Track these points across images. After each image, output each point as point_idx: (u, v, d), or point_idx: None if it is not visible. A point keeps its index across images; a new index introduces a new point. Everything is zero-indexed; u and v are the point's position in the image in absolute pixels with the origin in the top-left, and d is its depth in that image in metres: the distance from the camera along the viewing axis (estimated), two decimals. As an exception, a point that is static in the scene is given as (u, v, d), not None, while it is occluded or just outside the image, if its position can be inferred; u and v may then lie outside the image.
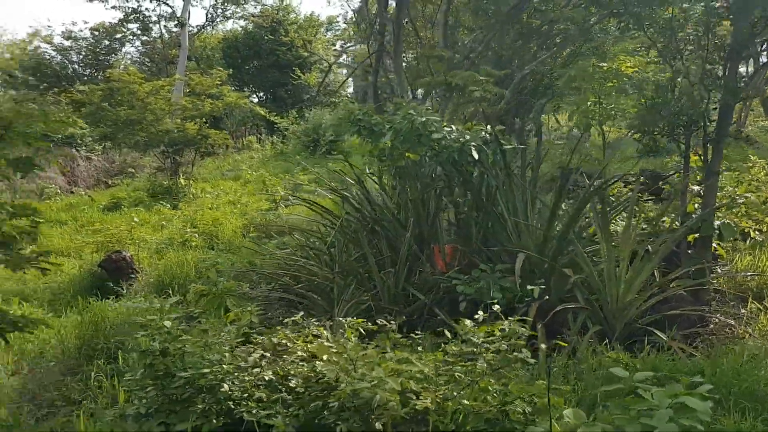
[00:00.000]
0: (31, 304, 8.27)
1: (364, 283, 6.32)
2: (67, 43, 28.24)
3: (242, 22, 31.05)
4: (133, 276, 9.03)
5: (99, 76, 26.17)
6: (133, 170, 20.71)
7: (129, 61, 27.55)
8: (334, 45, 31.94)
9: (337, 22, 32.14)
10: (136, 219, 11.93)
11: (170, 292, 8.22)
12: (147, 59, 28.85)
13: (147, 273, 9.17)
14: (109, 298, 7.83)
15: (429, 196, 6.76)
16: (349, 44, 30.64)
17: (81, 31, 28.65)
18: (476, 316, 3.34)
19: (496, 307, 3.68)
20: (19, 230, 4.22)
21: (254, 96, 29.17)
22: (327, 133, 20.45)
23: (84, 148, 20.15)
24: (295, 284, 7.29)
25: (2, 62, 27.73)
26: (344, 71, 34.48)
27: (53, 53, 28.26)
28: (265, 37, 27.73)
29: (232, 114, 24.00)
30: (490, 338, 3.17)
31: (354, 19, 25.22)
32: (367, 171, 9.87)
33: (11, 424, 4.05)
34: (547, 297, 5.33)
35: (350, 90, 34.72)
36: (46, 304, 8.35)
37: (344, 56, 31.76)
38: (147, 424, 3.50)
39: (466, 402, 2.82)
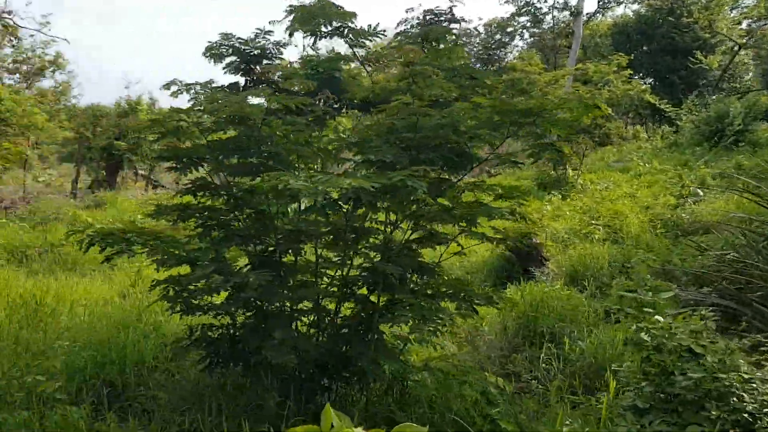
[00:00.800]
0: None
1: None
2: (462, 40, 30.80)
3: (635, 6, 29.51)
4: (543, 263, 9.20)
5: (488, 69, 27.83)
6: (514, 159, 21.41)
7: (518, 53, 28.64)
8: (739, 24, 28.00)
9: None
10: (548, 207, 12.18)
11: (585, 284, 8.14)
12: (536, 51, 29.65)
13: (557, 261, 9.25)
14: (518, 283, 8.09)
15: None
16: (761, 23, 26.44)
17: (476, 28, 30.94)
18: None
19: None
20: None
21: (642, 82, 27.51)
22: (735, 122, 17.99)
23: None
24: (740, 290, 6.43)
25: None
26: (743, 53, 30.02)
27: (450, 51, 31.08)
28: (660, 20, 25.82)
29: (619, 102, 23.06)
30: None
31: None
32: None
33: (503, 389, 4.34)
34: None
35: (749, 75, 30.18)
36: (464, 281, 9.05)
37: (749, 37, 27.58)
38: (645, 419, 3.34)
39: None
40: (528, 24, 29.15)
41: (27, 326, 5.78)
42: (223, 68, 4.69)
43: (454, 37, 4.32)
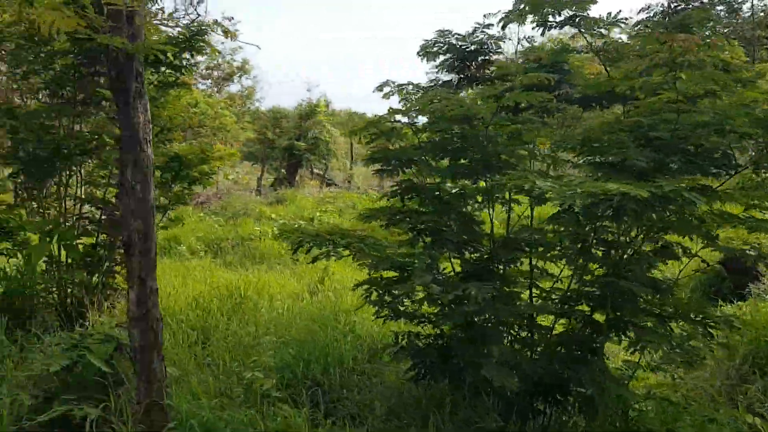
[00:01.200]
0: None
1: None
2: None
3: None
4: (758, 279, 8.10)
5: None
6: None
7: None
8: None
9: None
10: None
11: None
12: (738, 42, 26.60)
13: (777, 278, 8.08)
14: (730, 301, 7.18)
15: None
16: None
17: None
18: None
19: None
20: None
21: None
22: None
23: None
24: None
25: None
26: None
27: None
28: None
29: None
30: None
31: None
32: None
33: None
34: None
35: None
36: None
37: None
38: None
39: None
40: (723, 14, 26.21)
41: (234, 317, 6.03)
42: (437, 66, 4.49)
43: (712, 23, 3.74)
